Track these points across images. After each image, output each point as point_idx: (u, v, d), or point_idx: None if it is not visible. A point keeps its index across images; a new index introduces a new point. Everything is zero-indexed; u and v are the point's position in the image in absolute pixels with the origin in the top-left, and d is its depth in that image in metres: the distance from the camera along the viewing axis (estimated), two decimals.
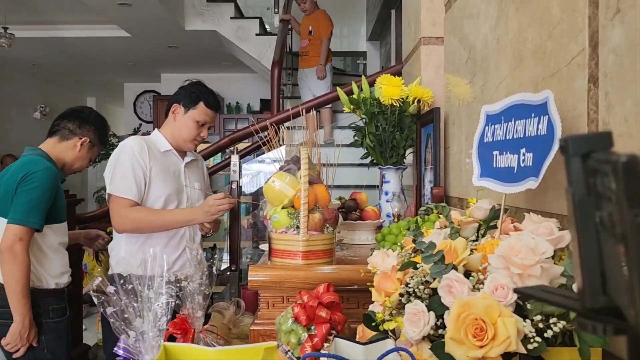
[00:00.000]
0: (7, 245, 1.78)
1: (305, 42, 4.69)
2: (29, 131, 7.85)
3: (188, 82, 2.10)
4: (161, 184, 1.93)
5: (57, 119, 2.11)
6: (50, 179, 1.89)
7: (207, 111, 2.00)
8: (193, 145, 2.05)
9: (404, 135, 2.04)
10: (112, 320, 1.19)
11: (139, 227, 1.90)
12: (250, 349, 0.55)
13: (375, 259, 1.06)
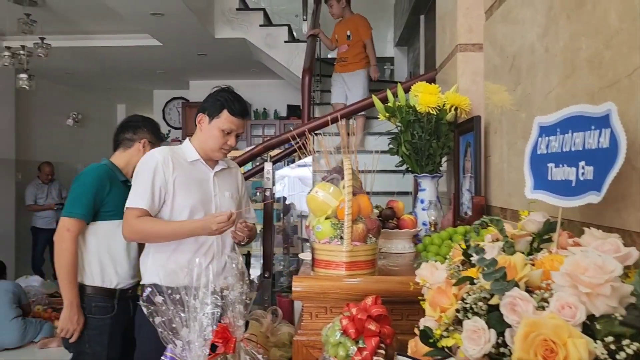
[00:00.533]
0: (58, 235, 2.01)
1: (344, 47, 4.62)
2: (62, 138, 8.05)
3: (216, 89, 2.06)
4: (186, 194, 1.91)
5: (115, 134, 2.29)
6: (94, 174, 2.09)
7: (231, 119, 1.94)
8: (221, 154, 2.01)
9: (441, 143, 2.02)
10: (160, 330, 1.21)
11: (145, 237, 1.93)
12: None
13: (423, 271, 1.05)
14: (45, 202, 6.84)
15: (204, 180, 1.98)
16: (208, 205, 1.97)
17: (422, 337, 0.83)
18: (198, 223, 1.87)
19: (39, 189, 6.83)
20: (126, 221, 1.87)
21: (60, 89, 7.94)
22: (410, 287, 1.13)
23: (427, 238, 1.50)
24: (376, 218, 1.44)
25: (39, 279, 5.96)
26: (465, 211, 1.84)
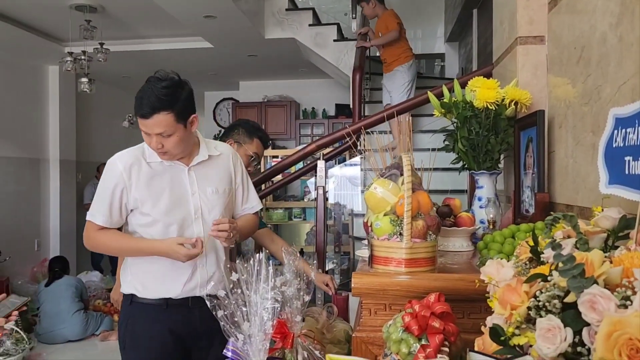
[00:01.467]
0: None
1: (380, 48, 4.61)
2: (119, 140, 8.34)
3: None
4: (154, 200, 1.76)
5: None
6: None
7: (140, 121, 1.73)
8: (164, 157, 1.77)
9: (499, 139, 1.96)
10: (222, 323, 1.23)
11: (107, 251, 1.92)
12: None
13: (489, 269, 1.02)
14: None
15: (175, 180, 1.79)
16: (185, 207, 1.78)
17: (492, 335, 0.81)
18: (164, 246, 1.72)
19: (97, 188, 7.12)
20: (86, 233, 1.79)
21: (117, 92, 8.24)
22: (472, 284, 1.11)
23: (488, 236, 1.46)
24: (435, 215, 1.41)
25: (99, 275, 6.23)
26: (526, 209, 1.78)
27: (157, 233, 1.77)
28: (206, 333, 1.81)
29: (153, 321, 1.80)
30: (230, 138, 2.30)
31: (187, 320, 1.81)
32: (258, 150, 2.32)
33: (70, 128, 6.81)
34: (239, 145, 2.28)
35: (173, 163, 1.79)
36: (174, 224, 1.77)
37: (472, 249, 1.74)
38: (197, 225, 1.79)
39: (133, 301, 1.82)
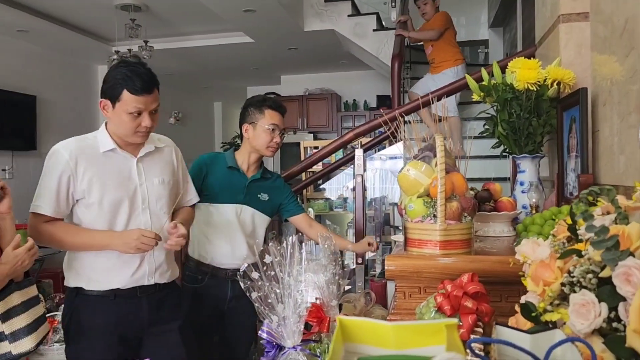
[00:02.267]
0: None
1: (429, 48, 4.37)
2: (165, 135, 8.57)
3: (114, 63, 1.90)
4: (101, 192, 1.71)
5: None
6: (194, 164, 2.24)
7: (136, 99, 1.69)
8: (140, 138, 1.77)
9: (542, 121, 1.90)
10: (256, 305, 1.25)
11: (58, 246, 1.72)
12: (431, 325, 0.53)
13: (524, 248, 0.99)
14: None
15: (123, 171, 1.77)
16: (133, 198, 1.76)
17: (523, 311, 0.79)
18: (116, 236, 1.70)
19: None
20: (32, 227, 1.68)
21: (162, 89, 8.34)
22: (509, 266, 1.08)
23: (527, 218, 1.42)
24: (471, 197, 1.38)
25: None
26: (570, 192, 1.72)
27: (102, 223, 1.72)
28: (156, 320, 1.82)
29: (101, 312, 1.75)
30: (244, 123, 2.22)
31: (136, 309, 1.79)
32: (274, 119, 2.18)
33: None
34: (255, 126, 2.17)
35: (123, 153, 1.77)
36: (121, 214, 1.74)
37: (513, 234, 1.70)
38: (145, 215, 1.78)
39: (79, 293, 1.76)
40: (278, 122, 2.18)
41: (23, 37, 5.39)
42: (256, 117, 2.18)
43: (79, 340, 1.78)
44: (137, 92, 1.69)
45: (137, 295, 1.79)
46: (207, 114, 10.37)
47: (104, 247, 1.70)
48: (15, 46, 5.45)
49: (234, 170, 2.21)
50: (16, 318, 1.50)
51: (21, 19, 4.85)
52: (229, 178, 2.19)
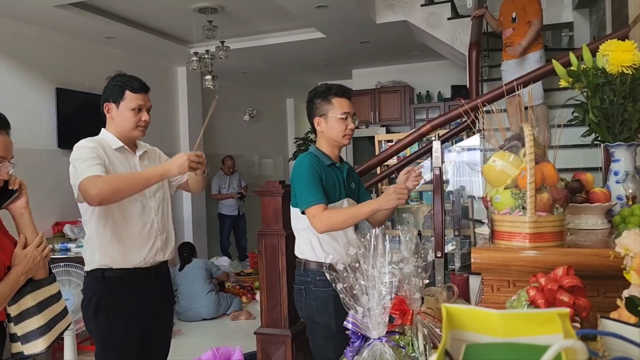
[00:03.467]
0: (313, 226, 2.08)
1: (509, 31, 4.06)
2: (241, 133, 8.84)
3: (109, 78, 2.15)
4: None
5: None
6: (309, 167, 2.10)
7: (136, 96, 2.07)
8: (139, 132, 2.13)
9: (638, 106, 1.78)
10: (342, 296, 1.27)
11: (116, 191, 1.91)
12: (543, 314, 0.52)
13: (626, 240, 0.94)
14: (228, 192, 7.60)
15: (131, 166, 2.11)
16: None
17: (628, 305, 0.75)
18: (168, 163, 2.01)
19: (222, 179, 7.62)
20: (92, 184, 1.88)
21: (238, 88, 8.71)
22: (608, 260, 1.03)
23: (625, 210, 1.34)
24: (562, 188, 1.32)
25: (227, 260, 6.66)
26: None
27: (126, 208, 2.05)
28: (165, 296, 2.22)
29: (124, 290, 2.05)
30: (315, 117, 2.18)
31: (153, 286, 2.14)
32: (343, 107, 2.14)
33: (197, 123, 7.33)
34: (326, 118, 2.15)
35: (127, 152, 2.13)
36: (138, 199, 2.07)
37: (607, 226, 1.61)
38: (152, 201, 2.14)
39: (105, 276, 2.04)
40: (348, 109, 2.15)
41: (110, 43, 5.74)
42: (325, 109, 2.15)
43: (107, 316, 2.04)
44: (136, 91, 2.08)
45: (151, 274, 2.12)
46: (280, 110, 10.57)
47: (163, 175, 1.98)
48: (104, 52, 5.81)
49: (333, 166, 2.19)
50: (29, 320, 1.53)
51: (108, 25, 5.17)
52: (332, 175, 2.16)
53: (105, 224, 2.04)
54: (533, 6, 3.91)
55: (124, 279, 2.06)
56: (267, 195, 2.83)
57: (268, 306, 2.77)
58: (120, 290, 2.06)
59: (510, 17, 4.01)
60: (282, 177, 10.24)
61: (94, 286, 2.07)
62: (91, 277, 2.08)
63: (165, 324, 2.29)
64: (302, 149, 8.99)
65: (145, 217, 2.11)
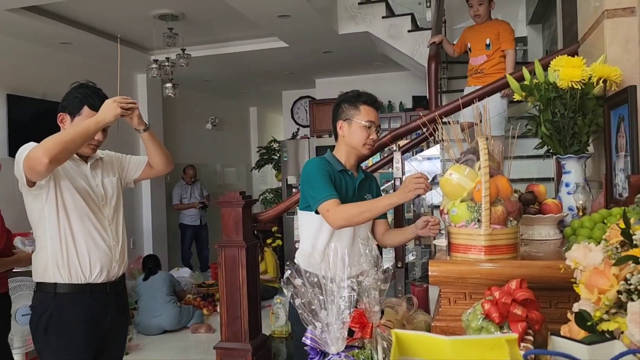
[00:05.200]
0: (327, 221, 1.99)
1: (482, 57, 3.83)
2: (203, 142, 8.73)
3: (73, 85, 2.10)
4: (71, 193, 1.98)
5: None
6: (320, 167, 2.05)
7: (93, 114, 1.95)
8: (90, 150, 2.06)
9: (587, 120, 1.84)
10: (300, 311, 1.25)
11: (60, 143, 1.82)
12: (491, 340, 0.52)
13: (575, 253, 0.97)
14: (190, 201, 7.49)
15: (82, 176, 2.04)
16: (94, 196, 2.05)
17: (578, 320, 0.76)
18: (99, 113, 1.90)
19: (184, 189, 7.50)
20: (36, 150, 1.81)
21: (200, 95, 8.61)
22: (559, 271, 1.05)
23: (576, 221, 1.38)
24: (516, 200, 1.35)
25: (189, 271, 6.54)
26: (619, 193, 1.66)
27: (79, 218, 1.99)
28: (122, 314, 2.14)
29: (77, 307, 1.96)
30: (339, 120, 2.12)
31: (109, 303, 2.05)
32: (370, 116, 2.08)
33: (157, 132, 7.19)
34: (350, 123, 2.09)
35: (79, 160, 2.06)
36: (91, 208, 2.02)
37: (559, 237, 1.66)
38: (106, 210, 2.09)
39: (57, 291, 1.95)
40: (374, 119, 2.09)
41: (66, 49, 5.58)
42: (351, 114, 2.09)
43: (58, 339, 1.94)
44: (94, 108, 1.97)
45: (107, 291, 2.04)
46: (243, 119, 10.50)
47: (99, 122, 1.89)
48: (59, 57, 5.64)
49: (344, 173, 2.11)
50: None
51: (64, 30, 5.02)
52: (342, 182, 2.09)
53: (58, 234, 1.95)
54: (508, 35, 3.79)
55: (77, 295, 1.97)
56: (227, 206, 2.80)
57: (228, 320, 2.73)
58: (73, 307, 1.96)
59: (484, 44, 3.85)
60: (245, 186, 10.15)
61: (44, 303, 1.96)
62: (41, 293, 1.98)
63: (119, 344, 2.19)
64: (265, 158, 8.94)
65: (99, 227, 2.03)
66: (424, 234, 2.03)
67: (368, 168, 3.83)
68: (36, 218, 1.98)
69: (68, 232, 1.97)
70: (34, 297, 2.02)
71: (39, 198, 1.95)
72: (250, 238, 2.86)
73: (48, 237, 1.96)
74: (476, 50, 3.88)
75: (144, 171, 2.27)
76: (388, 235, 2.18)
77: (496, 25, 3.83)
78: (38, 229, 1.99)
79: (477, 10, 3.84)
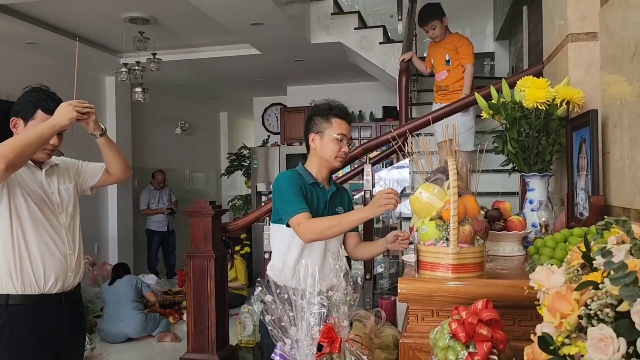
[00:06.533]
0: (298, 235, 1.97)
1: (444, 73, 3.84)
2: (172, 146, 8.62)
3: (26, 89, 2.06)
4: (25, 199, 1.92)
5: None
6: (291, 181, 2.05)
7: (46, 117, 1.92)
8: (45, 155, 2.00)
9: (551, 140, 1.91)
10: (270, 328, 1.26)
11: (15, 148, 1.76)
12: None
13: (539, 275, 1.00)
14: (157, 207, 7.38)
15: (37, 182, 1.99)
16: (50, 203, 1.99)
17: (540, 343, 0.79)
18: (54, 117, 1.86)
19: (152, 194, 7.38)
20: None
21: (170, 100, 8.51)
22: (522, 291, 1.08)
23: (539, 240, 1.42)
24: (483, 219, 1.39)
25: (154, 278, 6.43)
26: (580, 212, 1.72)
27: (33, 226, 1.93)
28: (78, 325, 2.07)
29: (31, 319, 1.90)
30: (311, 133, 2.13)
31: (64, 315, 2.00)
32: (341, 128, 2.09)
33: (126, 136, 7.08)
34: (322, 136, 2.10)
35: (33, 166, 2.00)
36: (46, 215, 1.97)
37: (523, 253, 1.70)
38: (62, 217, 2.03)
39: (9, 303, 1.88)
40: (345, 131, 2.11)
41: (33, 49, 5.45)
42: (323, 127, 2.10)
43: (10, 353, 1.88)
44: (49, 112, 1.92)
45: (62, 302, 1.98)
46: (213, 124, 10.42)
47: (53, 125, 1.84)
48: (25, 58, 5.51)
49: (315, 186, 2.11)
50: None
51: (31, 31, 4.91)
52: (314, 195, 2.09)
53: (11, 243, 1.88)
54: (466, 50, 3.77)
55: (30, 307, 1.90)
56: (196, 216, 2.77)
57: (195, 330, 2.70)
58: (25, 319, 1.89)
59: (444, 60, 3.88)
60: (213, 192, 10.06)
61: None
62: None
63: (76, 355, 2.12)
64: (235, 164, 8.89)
65: (55, 235, 1.97)
66: (393, 247, 2.05)
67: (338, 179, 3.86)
68: None
69: (22, 240, 1.90)
70: None
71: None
72: (220, 248, 2.85)
73: (0, 245, 1.89)
74: (438, 66, 3.91)
75: (101, 178, 2.22)
76: (359, 249, 2.20)
77: (454, 40, 3.84)
78: None
79: (433, 34, 3.87)
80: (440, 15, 3.83)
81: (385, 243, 2.07)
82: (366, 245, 2.25)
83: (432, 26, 3.83)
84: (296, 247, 2.01)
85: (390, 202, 1.84)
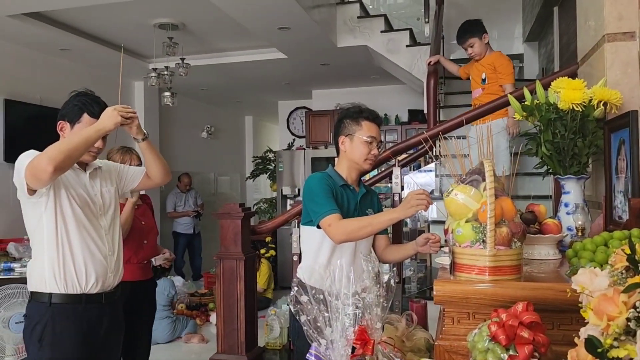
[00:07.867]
0: (328, 235, 1.98)
1: (478, 91, 3.65)
2: (198, 150, 8.73)
3: (72, 94, 2.09)
4: (70, 201, 1.97)
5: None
6: (309, 182, 2.10)
7: (93, 121, 1.96)
8: (90, 157, 2.06)
9: (587, 142, 1.87)
10: (305, 328, 1.26)
11: (63, 152, 1.81)
12: None
13: (581, 278, 0.98)
14: (184, 209, 7.47)
15: (82, 184, 2.04)
16: (94, 205, 2.04)
17: (588, 346, 0.78)
18: (100, 121, 1.91)
19: (178, 197, 7.48)
20: (39, 158, 1.80)
21: (196, 104, 8.63)
22: (563, 294, 1.07)
23: (577, 243, 1.39)
24: (520, 222, 1.37)
25: (181, 280, 6.49)
26: (619, 215, 1.69)
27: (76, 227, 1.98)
28: (114, 328, 2.10)
29: (72, 318, 1.94)
30: (341, 135, 2.14)
31: (104, 314, 2.04)
32: (371, 131, 2.10)
33: (154, 140, 7.17)
34: (352, 138, 2.11)
35: (78, 169, 2.06)
36: (88, 218, 2.02)
37: (559, 257, 1.67)
38: (103, 220, 2.08)
39: (52, 301, 1.93)
40: (375, 134, 2.12)
41: (65, 55, 5.59)
42: (353, 129, 2.11)
43: (52, 351, 1.92)
44: (95, 116, 1.98)
45: (102, 302, 2.03)
46: (239, 128, 10.52)
47: (99, 130, 1.90)
48: (58, 64, 5.65)
49: (346, 188, 2.12)
50: None
51: (64, 37, 5.03)
52: (344, 197, 2.09)
53: (55, 243, 1.94)
54: (505, 69, 3.52)
55: (72, 306, 1.95)
56: (226, 218, 2.80)
57: (225, 332, 2.72)
58: (67, 318, 1.94)
59: (480, 78, 3.68)
60: (238, 195, 10.13)
61: (39, 312, 1.94)
62: (36, 303, 1.96)
63: (114, 355, 2.16)
64: (260, 168, 8.94)
65: (96, 236, 2.02)
66: (424, 250, 2.04)
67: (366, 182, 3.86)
68: (33, 226, 1.97)
69: (65, 241, 1.95)
70: (28, 306, 2.00)
71: (37, 206, 1.93)
72: (249, 250, 2.87)
73: (45, 245, 1.94)
74: (474, 84, 3.75)
75: (141, 181, 2.27)
76: (389, 251, 2.19)
77: (493, 59, 3.62)
78: (35, 237, 1.98)
79: (472, 52, 3.68)
80: (479, 32, 3.63)
81: (416, 246, 2.06)
82: (396, 247, 2.24)
83: (470, 44, 3.64)
84: (327, 248, 2.01)
85: (422, 202, 1.83)
